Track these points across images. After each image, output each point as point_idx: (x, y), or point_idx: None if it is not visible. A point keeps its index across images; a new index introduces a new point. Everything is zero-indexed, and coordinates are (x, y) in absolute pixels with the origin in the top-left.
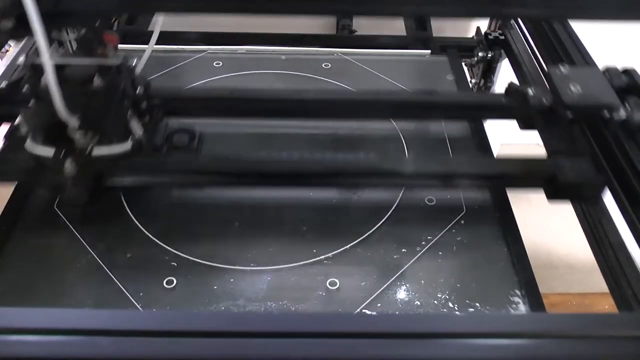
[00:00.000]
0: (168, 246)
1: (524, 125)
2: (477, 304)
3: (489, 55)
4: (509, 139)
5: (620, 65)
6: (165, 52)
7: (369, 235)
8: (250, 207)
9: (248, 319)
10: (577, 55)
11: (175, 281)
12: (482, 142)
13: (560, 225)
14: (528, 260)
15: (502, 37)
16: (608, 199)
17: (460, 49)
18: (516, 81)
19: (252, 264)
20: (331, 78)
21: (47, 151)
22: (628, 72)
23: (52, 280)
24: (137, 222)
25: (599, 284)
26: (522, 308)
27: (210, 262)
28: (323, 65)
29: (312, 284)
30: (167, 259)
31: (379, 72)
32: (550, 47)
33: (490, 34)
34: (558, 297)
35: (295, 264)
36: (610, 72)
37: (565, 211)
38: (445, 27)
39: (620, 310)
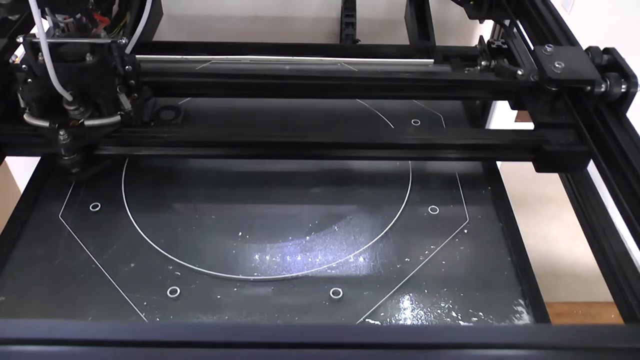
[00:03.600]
0: (172, 256)
1: (515, 103)
2: (481, 314)
3: (492, 64)
4: None
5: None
6: (169, 61)
7: (372, 244)
8: (254, 214)
9: (250, 331)
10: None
11: (179, 291)
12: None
13: (565, 234)
14: (532, 270)
15: (505, 46)
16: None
17: (463, 58)
18: None
19: (255, 273)
20: None
21: (43, 123)
22: (608, 51)
23: (55, 289)
24: (141, 233)
25: (605, 293)
26: (526, 318)
27: (214, 271)
28: None
29: (316, 293)
30: (170, 269)
31: None
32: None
33: (493, 43)
34: (563, 306)
35: (298, 273)
36: (592, 51)
37: (569, 220)
38: (448, 37)
39: (625, 319)
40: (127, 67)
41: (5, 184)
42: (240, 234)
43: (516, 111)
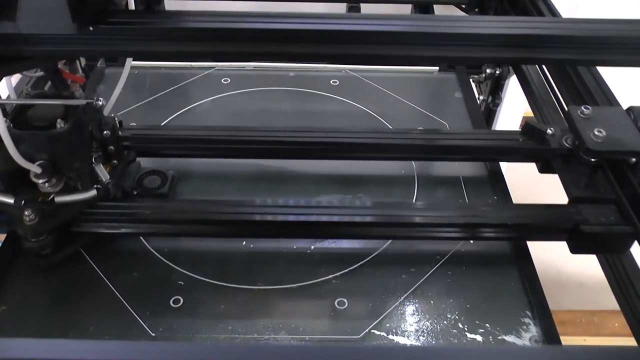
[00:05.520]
0: (175, 265)
1: (543, 167)
2: (487, 325)
3: (497, 72)
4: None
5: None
6: (173, 68)
7: (377, 254)
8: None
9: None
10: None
11: (182, 300)
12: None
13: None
14: (539, 281)
15: None
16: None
17: (468, 65)
18: (521, 92)
19: (259, 283)
20: (339, 95)
21: (7, 199)
22: None
23: (57, 300)
24: (143, 241)
25: (609, 301)
26: (533, 329)
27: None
28: (331, 82)
29: (320, 304)
30: (173, 278)
31: (387, 89)
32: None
33: None
34: (567, 314)
35: (303, 283)
36: (634, 112)
37: None
38: None
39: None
40: (105, 132)
41: None
42: (244, 242)
43: (521, 118)
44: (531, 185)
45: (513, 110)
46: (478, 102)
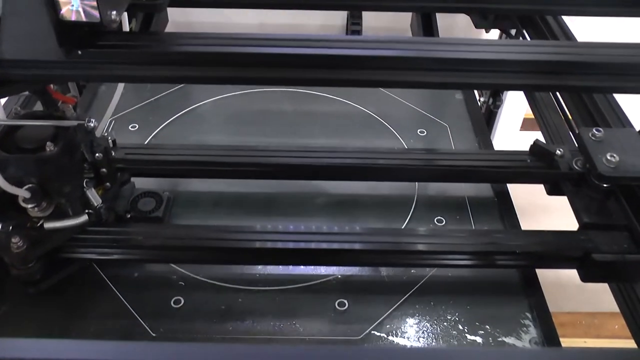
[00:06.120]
0: (176, 265)
1: (552, 190)
2: (487, 326)
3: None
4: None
5: None
6: None
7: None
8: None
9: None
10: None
11: (182, 300)
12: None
13: None
14: (539, 282)
15: None
16: None
17: None
18: (522, 94)
19: (260, 284)
20: (340, 96)
21: None
22: None
23: (59, 297)
24: None
25: (609, 303)
26: (533, 331)
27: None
28: None
29: (321, 305)
30: (174, 279)
31: (387, 90)
32: None
33: None
34: (567, 316)
35: (303, 284)
36: None
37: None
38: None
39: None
40: (97, 154)
41: None
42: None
43: (522, 119)
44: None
45: (514, 112)
46: (479, 103)
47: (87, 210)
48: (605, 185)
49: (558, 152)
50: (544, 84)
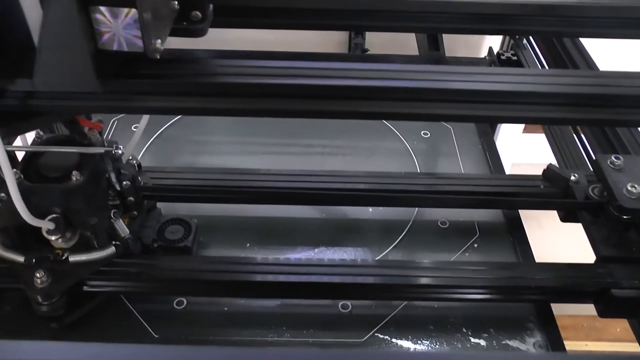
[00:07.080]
0: None
1: (566, 217)
2: (491, 329)
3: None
4: (520, 158)
5: None
6: None
7: (382, 257)
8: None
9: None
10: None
11: (185, 302)
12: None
13: (570, 245)
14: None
15: (515, 58)
16: None
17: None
18: None
19: None
20: None
21: (17, 257)
22: None
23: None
24: None
25: None
26: (537, 335)
27: None
28: None
29: (324, 307)
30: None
31: None
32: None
33: (503, 54)
34: (568, 319)
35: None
36: None
37: (575, 231)
38: (457, 47)
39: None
40: (124, 182)
41: None
42: (248, 245)
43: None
44: None
45: None
46: None
47: (114, 242)
48: (625, 217)
49: (573, 177)
50: (568, 117)
